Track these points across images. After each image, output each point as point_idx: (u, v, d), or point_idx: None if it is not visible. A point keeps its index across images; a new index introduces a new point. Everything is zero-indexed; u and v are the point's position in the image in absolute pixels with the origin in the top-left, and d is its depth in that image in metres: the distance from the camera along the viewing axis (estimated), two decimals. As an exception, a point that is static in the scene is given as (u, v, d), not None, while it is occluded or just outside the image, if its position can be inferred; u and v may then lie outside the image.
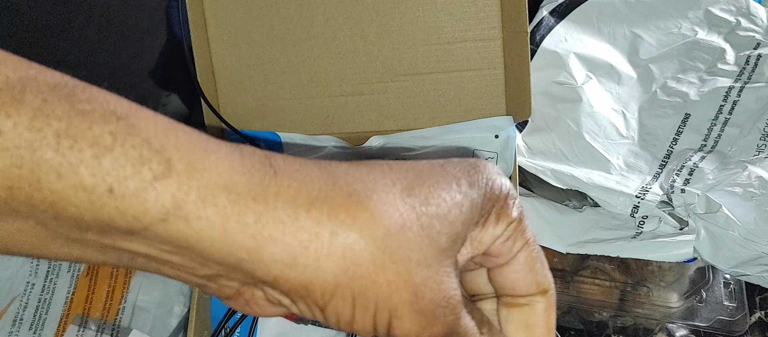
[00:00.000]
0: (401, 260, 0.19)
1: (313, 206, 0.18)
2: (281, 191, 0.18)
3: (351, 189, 0.19)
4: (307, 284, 0.18)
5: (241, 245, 0.18)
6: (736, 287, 0.54)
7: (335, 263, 0.18)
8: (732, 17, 0.64)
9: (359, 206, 0.18)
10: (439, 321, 0.20)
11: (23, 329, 0.54)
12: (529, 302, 0.24)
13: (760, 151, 0.54)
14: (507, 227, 0.22)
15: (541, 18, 0.64)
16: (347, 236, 0.18)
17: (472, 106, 0.56)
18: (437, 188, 0.20)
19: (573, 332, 0.59)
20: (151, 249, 0.18)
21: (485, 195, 0.21)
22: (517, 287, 0.23)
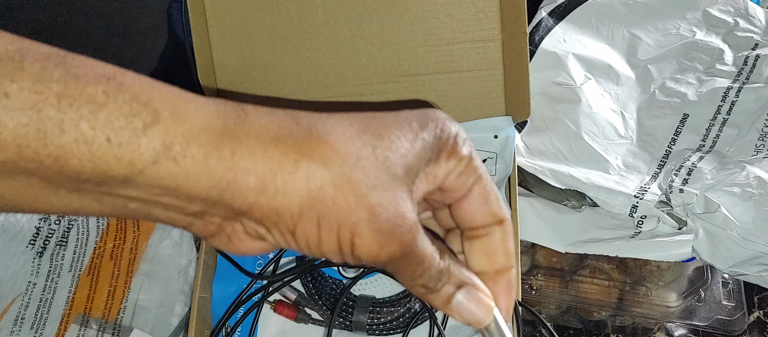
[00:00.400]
0: (358, 184, 0.22)
1: (279, 141, 0.21)
2: (252, 129, 0.21)
3: (312, 127, 0.22)
4: (277, 209, 0.21)
5: (221, 177, 0.21)
6: (735, 287, 0.54)
7: (300, 188, 0.21)
8: (730, 18, 0.64)
9: (319, 140, 0.22)
10: (395, 239, 0.22)
11: (24, 328, 0.54)
12: (488, 233, 0.26)
13: (759, 151, 0.55)
14: (458, 163, 0.25)
15: (540, 19, 0.64)
16: (309, 165, 0.21)
17: (472, 107, 0.57)
18: (390, 127, 0.23)
19: (572, 332, 0.60)
20: (143, 193, 0.21)
21: (436, 135, 0.24)
22: (474, 219, 0.26)
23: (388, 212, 0.22)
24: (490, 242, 0.26)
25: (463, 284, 0.25)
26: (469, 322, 0.26)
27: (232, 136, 0.21)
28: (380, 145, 0.22)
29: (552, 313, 0.59)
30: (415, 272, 0.24)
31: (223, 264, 0.55)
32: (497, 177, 0.55)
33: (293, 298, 0.52)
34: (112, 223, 0.60)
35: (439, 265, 0.24)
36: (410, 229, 0.23)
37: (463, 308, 0.25)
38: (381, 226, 0.22)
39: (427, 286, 0.25)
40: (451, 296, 0.25)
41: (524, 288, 0.55)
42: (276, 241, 0.23)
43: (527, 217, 0.55)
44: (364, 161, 0.22)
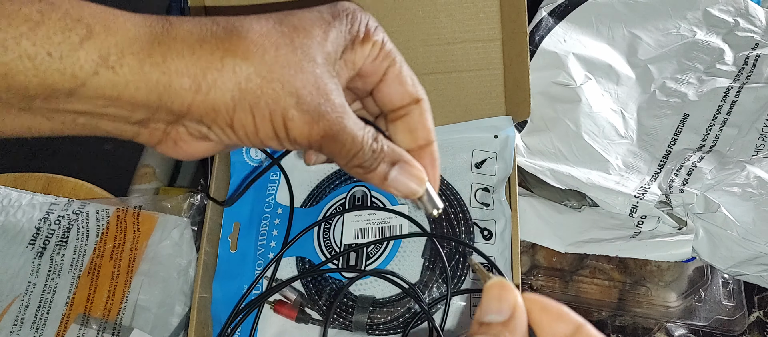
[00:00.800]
0: (280, 71, 0.24)
1: (204, 42, 0.23)
2: (178, 34, 0.23)
3: (231, 27, 0.24)
4: (213, 105, 0.24)
5: (157, 82, 0.23)
6: (735, 287, 0.54)
7: (229, 83, 0.23)
8: (730, 18, 0.64)
9: (240, 37, 0.24)
10: (323, 118, 0.24)
11: (24, 328, 0.54)
12: (407, 112, 0.28)
13: (759, 151, 0.54)
14: (372, 48, 0.27)
15: (540, 19, 0.64)
16: (234, 60, 0.23)
17: (472, 107, 0.57)
18: (305, 20, 0.25)
19: None
20: (88, 106, 0.23)
21: (348, 23, 0.26)
22: (393, 100, 0.28)
23: (313, 93, 0.24)
24: (410, 120, 0.28)
25: (396, 160, 0.28)
26: (406, 194, 0.28)
27: (161, 42, 0.23)
28: (297, 36, 0.24)
29: (552, 313, 0.59)
30: (349, 151, 0.26)
31: (223, 264, 0.55)
32: (497, 177, 0.55)
33: (293, 298, 0.52)
34: (112, 223, 0.60)
35: (372, 145, 0.26)
36: (336, 107, 0.25)
37: (399, 182, 0.28)
38: (308, 106, 0.24)
39: (363, 165, 0.27)
40: (386, 173, 0.27)
41: (524, 288, 0.55)
42: (218, 137, 0.25)
43: (527, 217, 0.55)
44: (283, 50, 0.24)
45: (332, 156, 0.26)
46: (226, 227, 0.57)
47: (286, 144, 0.25)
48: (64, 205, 0.61)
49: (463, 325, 0.50)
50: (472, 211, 0.53)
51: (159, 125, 0.25)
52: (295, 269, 0.54)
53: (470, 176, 0.55)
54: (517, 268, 0.50)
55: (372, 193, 0.56)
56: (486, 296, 0.23)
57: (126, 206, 0.61)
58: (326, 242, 0.54)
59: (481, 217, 0.53)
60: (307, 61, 0.24)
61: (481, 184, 0.55)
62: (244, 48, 0.24)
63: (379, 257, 0.52)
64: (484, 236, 0.52)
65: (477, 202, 0.54)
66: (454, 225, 0.53)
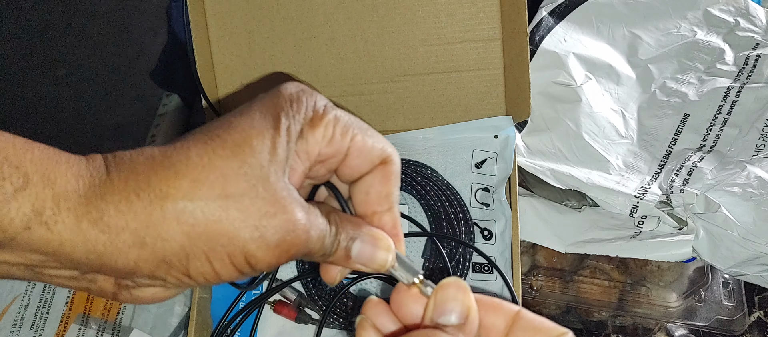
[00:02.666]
0: (233, 207, 0.21)
1: (141, 190, 0.21)
2: (114, 185, 0.21)
3: (169, 164, 0.21)
4: (163, 258, 0.21)
5: (96, 239, 0.20)
6: (735, 287, 0.54)
7: (176, 231, 0.21)
8: (731, 18, 0.64)
9: (179, 176, 0.21)
10: (291, 244, 0.22)
11: (24, 328, 0.54)
12: (370, 173, 0.26)
13: (759, 151, 0.54)
14: (326, 129, 0.24)
15: (540, 18, 0.64)
16: (175, 204, 0.21)
17: (472, 107, 0.57)
18: (246, 133, 0.22)
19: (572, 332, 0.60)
20: (22, 258, 0.21)
21: (293, 113, 0.23)
22: (360, 170, 0.26)
23: (275, 222, 0.22)
24: (371, 180, 0.26)
25: (356, 235, 0.25)
26: (376, 267, 0.25)
27: (98, 195, 0.20)
28: (242, 154, 0.22)
29: (552, 313, 0.59)
30: (314, 255, 0.24)
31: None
32: (497, 177, 0.55)
33: (293, 298, 0.52)
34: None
35: (331, 233, 0.24)
36: (301, 228, 0.22)
37: (365, 257, 0.25)
38: (272, 239, 0.22)
39: (324, 255, 0.24)
40: (348, 251, 0.25)
41: (524, 288, 0.55)
42: (175, 286, 0.23)
43: (527, 217, 0.55)
44: (231, 180, 0.21)
45: (294, 258, 0.24)
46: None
47: (250, 274, 0.23)
48: (64, 205, 0.61)
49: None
50: (472, 211, 0.53)
51: (108, 279, 0.23)
52: (295, 269, 0.54)
53: (470, 176, 0.55)
54: (517, 268, 0.50)
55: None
56: (441, 295, 0.22)
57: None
58: (326, 242, 0.54)
59: (482, 217, 0.53)
60: (260, 182, 0.22)
61: (481, 184, 0.55)
62: (185, 188, 0.21)
63: (379, 257, 0.52)
64: (484, 236, 0.52)
65: (477, 202, 0.54)
66: (454, 225, 0.53)
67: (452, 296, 0.22)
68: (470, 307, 0.22)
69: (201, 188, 0.21)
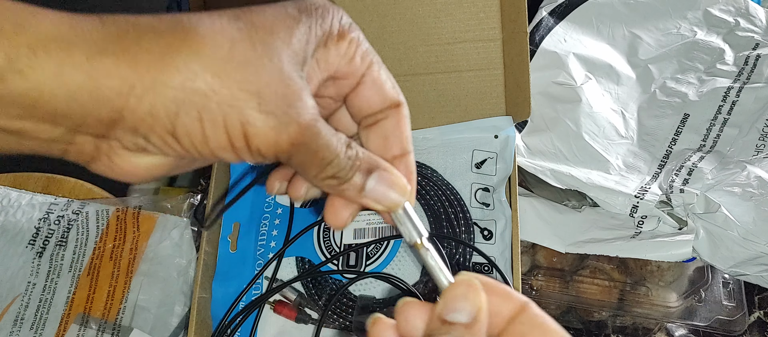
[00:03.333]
0: (237, 68, 0.20)
1: (141, 38, 0.19)
2: (109, 31, 0.19)
3: (176, 21, 0.20)
4: (150, 109, 0.19)
5: (78, 86, 0.19)
6: (735, 287, 0.54)
7: (172, 81, 0.19)
8: (731, 18, 0.64)
9: (186, 31, 0.20)
10: (293, 120, 0.20)
11: (24, 328, 0.54)
12: (384, 116, 0.25)
13: (759, 151, 0.54)
14: (348, 46, 0.23)
15: (540, 18, 0.64)
16: (178, 56, 0.19)
17: (472, 107, 0.57)
18: (265, 15, 0.21)
19: (572, 332, 0.60)
20: (1, 118, 0.19)
21: (318, 18, 0.22)
22: (371, 105, 0.25)
23: (279, 93, 0.20)
24: (386, 125, 0.25)
25: (373, 168, 0.24)
26: (387, 205, 0.24)
27: (86, 41, 0.19)
28: (257, 32, 0.21)
29: (552, 313, 0.59)
30: (323, 159, 0.22)
31: (223, 264, 0.55)
32: (497, 177, 0.55)
33: (293, 298, 0.52)
34: (111, 223, 0.60)
35: (346, 151, 0.23)
36: (308, 108, 0.21)
37: (378, 193, 0.24)
38: (274, 108, 0.20)
39: (337, 176, 0.23)
40: (363, 184, 0.24)
41: (524, 288, 0.55)
42: (159, 149, 0.21)
43: (527, 217, 0.55)
44: (240, 46, 0.20)
45: (301, 167, 0.23)
46: (226, 227, 0.57)
47: (246, 156, 0.21)
48: (64, 205, 0.61)
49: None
50: (472, 211, 0.53)
51: (86, 138, 0.21)
52: (295, 269, 0.54)
53: (470, 175, 0.55)
54: (517, 268, 0.50)
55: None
56: (452, 293, 0.22)
57: (126, 206, 0.61)
58: (326, 242, 0.54)
59: (482, 217, 0.53)
60: (270, 58, 0.20)
61: (481, 184, 0.55)
62: (190, 42, 0.20)
63: (379, 257, 0.52)
64: (485, 236, 0.52)
65: (477, 202, 0.54)
66: (454, 225, 0.53)
67: (463, 295, 0.21)
68: (480, 308, 0.21)
69: (208, 45, 0.20)
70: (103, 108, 0.19)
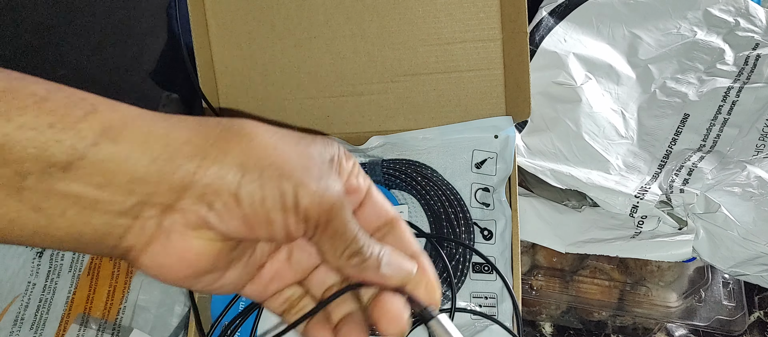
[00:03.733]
0: (289, 147, 0.24)
1: (208, 122, 0.24)
2: (188, 119, 0.24)
3: (230, 124, 0.24)
4: (219, 173, 0.23)
5: (159, 153, 0.22)
6: (735, 287, 0.54)
7: (236, 149, 0.23)
8: (731, 18, 0.64)
9: (241, 124, 0.24)
10: (332, 189, 0.25)
11: (24, 328, 0.54)
12: (385, 233, 0.29)
13: (759, 151, 0.54)
14: (354, 166, 0.28)
15: (540, 18, 0.64)
16: (240, 134, 0.24)
17: (472, 107, 0.57)
18: (301, 136, 0.26)
19: (572, 332, 0.60)
20: (83, 186, 0.22)
21: (326, 144, 0.27)
22: (377, 219, 0.29)
23: (320, 172, 0.25)
24: (391, 240, 0.28)
25: (382, 248, 0.27)
26: (404, 274, 0.27)
27: (166, 119, 0.23)
28: (296, 139, 0.25)
29: (552, 313, 0.59)
30: (348, 237, 0.26)
31: (223, 264, 0.55)
32: (497, 177, 0.55)
33: (293, 298, 0.52)
34: (111, 223, 0.60)
35: (364, 235, 0.26)
36: (339, 191, 0.25)
37: (393, 265, 0.27)
38: (317, 179, 0.24)
39: (360, 252, 0.26)
40: (379, 260, 0.27)
41: (524, 288, 0.55)
42: (220, 218, 0.23)
43: (527, 217, 0.55)
44: (287, 137, 0.25)
45: (331, 240, 0.26)
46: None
47: (291, 216, 0.24)
48: (64, 205, 0.61)
49: (463, 326, 0.50)
50: (472, 211, 0.53)
51: (152, 213, 0.23)
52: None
53: (470, 176, 0.55)
54: (517, 268, 0.50)
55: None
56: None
57: (126, 206, 0.61)
58: (326, 242, 0.54)
59: (482, 217, 0.53)
60: (309, 156, 0.25)
61: (481, 184, 0.55)
62: (248, 131, 0.24)
63: (379, 257, 0.52)
64: (484, 236, 0.52)
65: (477, 202, 0.54)
66: (454, 225, 0.53)
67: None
68: None
69: (261, 135, 0.24)
70: (177, 171, 0.22)
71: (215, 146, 0.23)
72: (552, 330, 0.60)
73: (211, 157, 0.23)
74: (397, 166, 0.56)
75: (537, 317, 0.60)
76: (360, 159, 0.58)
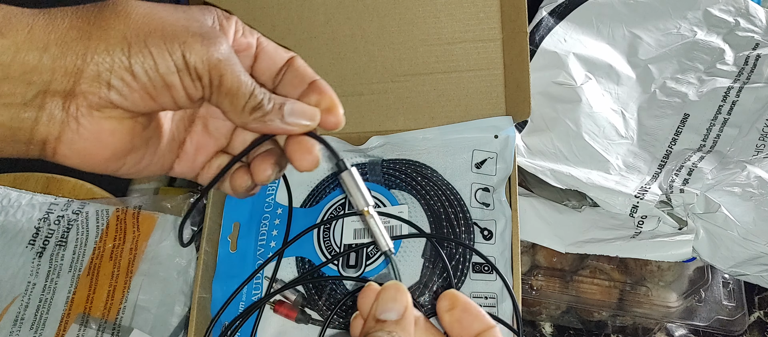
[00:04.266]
0: (174, 12, 0.26)
1: (88, 7, 0.25)
2: (67, 13, 0.25)
3: (106, 3, 0.25)
4: (107, 46, 0.24)
5: (48, 42, 0.23)
6: (735, 287, 0.54)
7: (121, 23, 0.24)
8: (731, 18, 0.64)
9: (115, 8, 0.25)
10: (218, 43, 0.26)
11: (24, 328, 0.54)
12: (284, 71, 0.31)
13: (759, 151, 0.54)
14: (236, 24, 0.30)
15: (540, 18, 0.64)
16: (122, 6, 0.25)
17: (472, 107, 0.57)
18: (170, 5, 0.27)
19: (572, 332, 0.60)
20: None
21: (208, 10, 0.28)
22: (270, 70, 0.30)
23: (206, 30, 0.26)
24: (290, 74, 0.30)
25: (284, 100, 0.29)
26: (309, 117, 0.29)
27: (46, 12, 0.24)
28: (175, 9, 0.26)
29: (552, 313, 0.59)
30: (245, 93, 0.27)
31: (223, 264, 0.55)
32: (497, 177, 0.55)
33: (293, 298, 0.52)
34: (111, 223, 0.60)
35: (259, 87, 0.28)
36: (226, 47, 0.27)
37: (297, 111, 0.29)
38: (204, 34, 0.26)
39: (260, 107, 0.28)
40: (282, 106, 0.28)
41: (524, 288, 0.55)
42: (120, 93, 0.25)
43: (527, 217, 0.55)
44: (168, 8, 0.26)
45: (228, 99, 0.27)
46: (226, 227, 0.57)
47: (184, 74, 0.26)
48: (64, 205, 0.61)
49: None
50: (472, 211, 0.53)
51: (56, 101, 0.24)
52: (295, 269, 0.54)
53: (470, 175, 0.55)
54: (517, 268, 0.50)
55: (372, 193, 0.56)
56: (383, 296, 0.26)
57: (125, 206, 0.61)
58: (326, 242, 0.54)
59: (482, 217, 0.53)
60: (187, 18, 0.26)
61: (481, 184, 0.55)
62: (123, 5, 0.25)
63: (380, 257, 0.52)
64: (485, 236, 0.52)
65: (477, 202, 0.54)
66: (454, 225, 0.53)
67: (392, 297, 0.26)
68: (406, 307, 0.26)
69: (142, 6, 0.25)
70: (68, 55, 0.23)
71: (96, 26, 0.24)
72: (552, 330, 0.60)
73: (96, 37, 0.24)
74: (397, 167, 0.56)
75: (537, 317, 0.60)
76: (360, 159, 0.58)
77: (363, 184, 0.30)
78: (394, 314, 0.25)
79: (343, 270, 0.52)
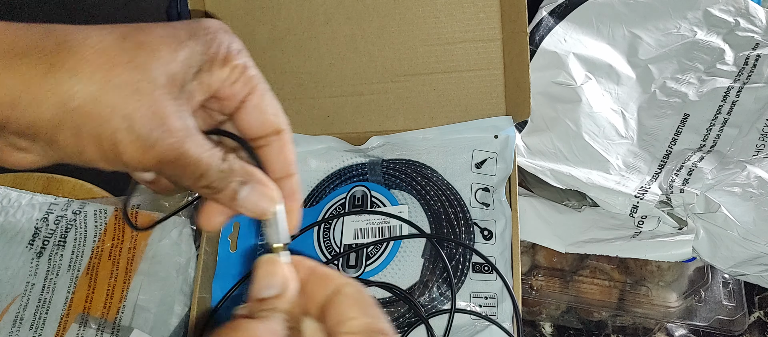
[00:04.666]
0: (112, 92, 0.22)
1: (29, 54, 0.21)
2: (3, 42, 0.21)
3: (64, 39, 0.22)
4: (32, 122, 0.22)
5: None
6: (735, 287, 0.54)
7: (52, 101, 0.22)
8: (731, 18, 0.64)
9: (70, 51, 0.22)
10: (158, 143, 0.23)
11: (24, 328, 0.54)
12: (267, 143, 0.27)
13: (759, 151, 0.54)
14: (232, 72, 0.25)
15: (540, 18, 0.64)
16: (58, 76, 0.21)
17: (472, 107, 0.57)
18: (152, 35, 0.23)
19: (572, 332, 0.60)
20: None
21: (206, 43, 0.24)
22: (252, 128, 0.27)
23: (147, 118, 0.23)
24: (269, 151, 0.27)
25: (248, 180, 0.26)
26: (256, 213, 0.26)
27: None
28: (140, 54, 0.23)
29: (552, 313, 0.59)
30: (193, 173, 0.24)
31: (222, 264, 0.55)
32: (497, 177, 0.55)
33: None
34: (110, 223, 0.60)
35: (219, 165, 0.25)
36: (174, 132, 0.23)
37: (249, 202, 0.26)
38: (141, 132, 0.23)
39: (211, 186, 0.25)
40: (235, 193, 0.25)
41: (524, 288, 0.55)
42: (42, 151, 0.23)
43: (527, 217, 0.55)
44: (118, 70, 0.22)
45: (174, 179, 0.25)
46: (226, 226, 0.57)
47: (118, 167, 0.24)
48: (64, 205, 0.61)
49: (463, 326, 0.49)
50: (472, 211, 0.53)
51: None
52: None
53: (470, 175, 0.55)
54: (517, 268, 0.50)
55: (372, 193, 0.56)
56: (258, 274, 0.24)
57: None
58: (326, 242, 0.54)
59: (482, 217, 0.53)
60: (146, 82, 0.23)
61: (481, 184, 0.55)
62: (72, 64, 0.22)
63: (379, 257, 0.52)
64: (485, 236, 0.52)
65: (477, 202, 0.54)
66: (454, 225, 0.53)
67: (268, 272, 0.24)
68: (285, 277, 0.24)
69: (88, 68, 0.22)
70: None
71: (29, 88, 0.21)
72: (552, 330, 0.60)
73: (25, 101, 0.22)
74: (397, 166, 0.56)
75: (537, 317, 0.60)
76: (360, 159, 0.58)
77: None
78: (274, 289, 0.24)
79: (343, 270, 0.52)
